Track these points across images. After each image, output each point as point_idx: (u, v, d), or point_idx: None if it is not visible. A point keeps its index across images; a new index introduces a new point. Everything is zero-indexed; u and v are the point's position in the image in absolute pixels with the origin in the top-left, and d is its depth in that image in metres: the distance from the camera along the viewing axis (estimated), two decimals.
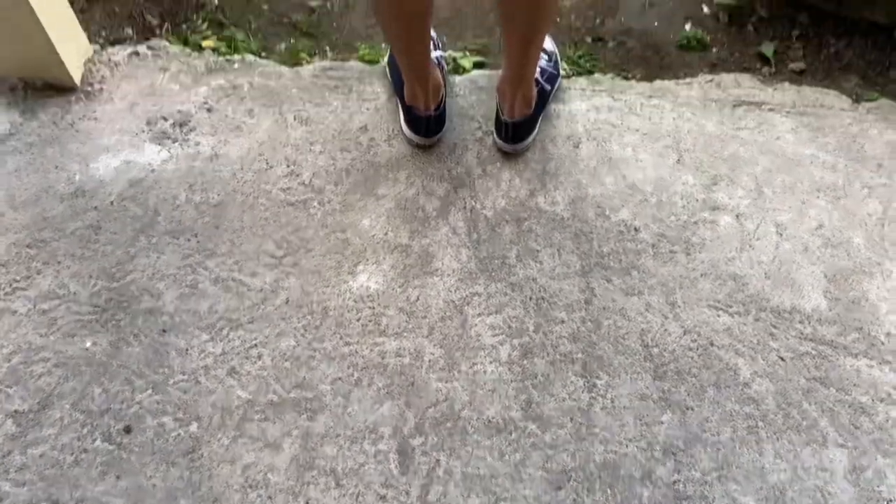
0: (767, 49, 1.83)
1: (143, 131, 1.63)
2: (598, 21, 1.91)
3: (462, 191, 1.58)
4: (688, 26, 1.89)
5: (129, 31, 1.85)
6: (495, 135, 1.62)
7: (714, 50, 1.85)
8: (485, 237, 1.52)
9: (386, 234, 1.52)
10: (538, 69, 1.57)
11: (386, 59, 1.75)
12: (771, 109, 1.71)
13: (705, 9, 1.92)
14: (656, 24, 1.89)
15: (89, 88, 1.69)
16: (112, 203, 1.53)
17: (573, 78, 1.78)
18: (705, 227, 1.53)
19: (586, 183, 1.59)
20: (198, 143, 1.62)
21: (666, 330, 1.40)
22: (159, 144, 1.62)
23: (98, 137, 1.62)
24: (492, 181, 1.60)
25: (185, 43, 1.81)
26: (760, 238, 1.51)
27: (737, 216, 1.54)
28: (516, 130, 1.58)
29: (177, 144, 1.62)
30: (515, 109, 1.54)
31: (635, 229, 1.53)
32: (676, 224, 1.53)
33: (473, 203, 1.56)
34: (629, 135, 1.66)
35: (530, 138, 1.62)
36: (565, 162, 1.62)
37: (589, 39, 1.88)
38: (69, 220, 1.51)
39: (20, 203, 1.53)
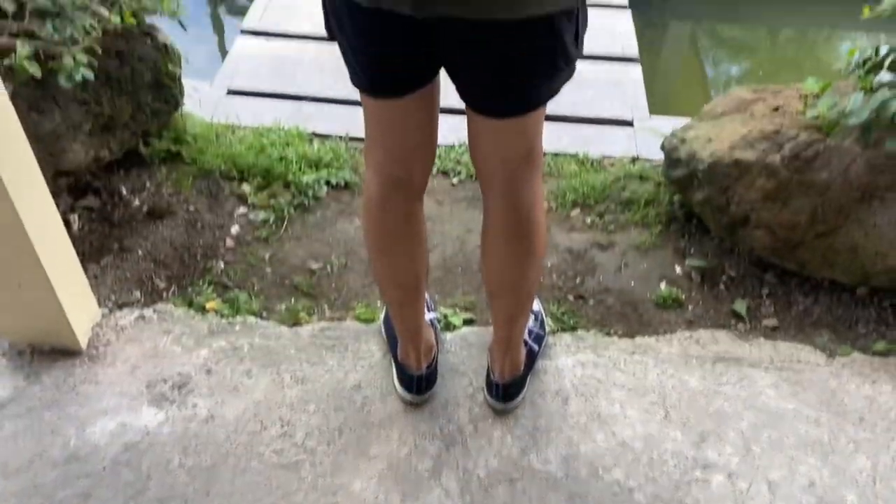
0: (740, 307, 1.94)
1: (142, 394, 1.67)
2: (578, 280, 2.04)
3: (454, 449, 1.59)
4: (663, 285, 2.02)
5: (138, 293, 1.95)
6: (486, 393, 1.67)
7: (690, 308, 1.96)
8: (478, 499, 1.50)
9: (377, 497, 1.50)
10: (526, 330, 1.66)
11: (382, 317, 1.85)
12: (750, 365, 1.78)
13: (678, 269, 2.06)
14: (633, 283, 2.02)
15: (94, 352, 1.76)
16: (105, 468, 1.53)
17: (558, 334, 1.87)
18: (698, 487, 1.53)
19: (577, 440, 1.61)
20: (195, 405, 1.65)
21: None
22: (157, 407, 1.65)
23: (97, 401, 1.65)
24: (483, 439, 1.62)
25: (190, 305, 1.91)
26: (754, 497, 1.51)
27: (728, 475, 1.55)
28: (507, 390, 1.63)
29: (174, 406, 1.65)
30: (505, 371, 1.61)
31: (629, 490, 1.52)
32: (669, 484, 1.53)
33: (466, 462, 1.57)
34: (615, 390, 1.71)
35: (520, 397, 1.66)
36: (555, 418, 1.66)
37: (571, 297, 1.99)
38: (60, 488, 1.49)
39: (12, 470, 1.52)
